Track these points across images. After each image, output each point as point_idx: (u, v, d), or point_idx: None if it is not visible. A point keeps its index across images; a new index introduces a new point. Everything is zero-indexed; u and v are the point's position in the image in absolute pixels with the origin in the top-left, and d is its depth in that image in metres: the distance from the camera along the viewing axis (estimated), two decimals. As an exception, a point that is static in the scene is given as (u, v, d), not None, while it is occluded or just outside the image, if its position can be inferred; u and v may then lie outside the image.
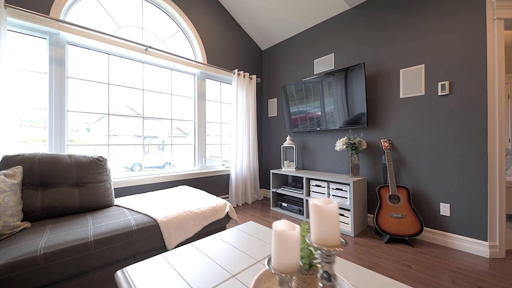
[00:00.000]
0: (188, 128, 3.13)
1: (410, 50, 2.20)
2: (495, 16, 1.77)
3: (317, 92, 2.82)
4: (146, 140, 2.72)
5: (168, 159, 2.93)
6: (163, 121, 2.86)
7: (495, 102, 1.78)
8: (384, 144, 2.28)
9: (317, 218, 0.58)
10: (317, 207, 0.58)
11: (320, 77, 2.76)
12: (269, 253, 0.97)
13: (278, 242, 0.53)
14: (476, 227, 1.86)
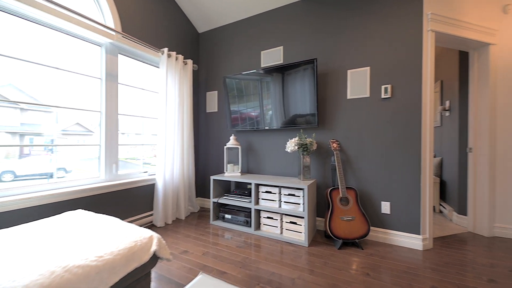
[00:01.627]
0: (95, 124, 2.18)
1: (357, 52, 2.21)
2: (429, 27, 1.95)
3: (265, 87, 2.52)
4: (25, 138, 1.73)
5: (63, 165, 1.94)
6: (54, 112, 1.85)
7: (427, 108, 1.96)
8: (333, 145, 2.20)
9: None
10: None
11: (268, 70, 2.47)
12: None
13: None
14: (411, 223, 2.00)
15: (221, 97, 3.05)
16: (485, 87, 2.27)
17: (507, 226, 2.21)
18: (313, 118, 2.28)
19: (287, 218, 2.15)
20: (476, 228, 2.34)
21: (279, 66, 2.40)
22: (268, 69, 2.47)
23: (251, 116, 2.63)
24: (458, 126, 2.63)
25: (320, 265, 1.69)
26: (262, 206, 2.25)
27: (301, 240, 2.06)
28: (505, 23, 2.22)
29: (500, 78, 2.24)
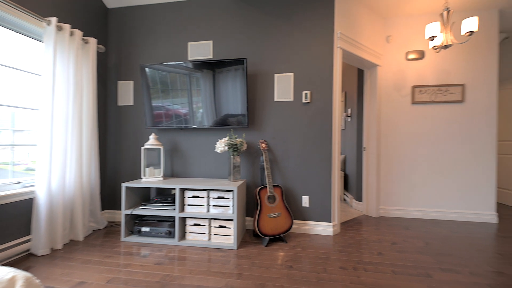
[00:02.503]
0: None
1: (283, 57, 2.33)
2: (338, 45, 2.27)
3: (195, 83, 2.30)
4: None
5: None
6: None
7: (336, 114, 2.28)
8: (262, 145, 2.25)
9: None
10: None
11: (197, 66, 2.27)
12: None
13: None
14: (324, 212, 2.28)
15: (139, 89, 2.59)
16: (373, 100, 2.87)
17: (388, 207, 2.88)
18: (244, 118, 2.25)
19: (216, 223, 2.02)
20: (368, 211, 2.93)
21: (209, 61, 2.24)
22: (198, 63, 2.27)
23: (179, 113, 2.35)
24: (356, 129, 3.23)
25: (248, 266, 1.66)
26: (188, 213, 2.03)
27: (230, 243, 1.98)
28: (387, 49, 2.88)
29: (383, 93, 2.89)
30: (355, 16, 2.49)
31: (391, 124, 2.88)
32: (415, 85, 2.82)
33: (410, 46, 2.83)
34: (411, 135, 2.84)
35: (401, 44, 2.85)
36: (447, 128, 2.76)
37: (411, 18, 2.82)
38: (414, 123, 2.84)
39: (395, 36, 2.86)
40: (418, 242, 2.11)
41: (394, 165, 2.88)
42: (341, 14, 2.31)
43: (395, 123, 2.88)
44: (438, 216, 2.77)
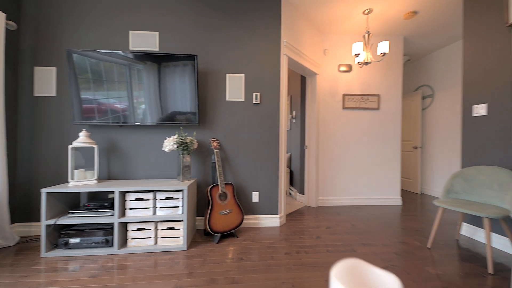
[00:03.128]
0: None
1: (235, 58, 2.39)
2: (284, 52, 2.48)
3: (136, 76, 2.12)
4: None
5: None
6: None
7: (283, 115, 2.49)
8: (213, 144, 2.26)
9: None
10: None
11: (139, 57, 2.10)
12: None
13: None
14: (272, 206, 2.46)
15: (63, 77, 2.21)
16: (313, 104, 3.25)
17: (325, 198, 3.30)
18: (194, 116, 2.21)
19: (163, 225, 1.92)
20: (309, 202, 3.30)
21: (155, 54, 2.11)
22: (140, 54, 2.10)
23: (116, 108, 2.12)
24: (300, 130, 3.58)
25: (199, 265, 1.65)
26: (131, 218, 1.87)
27: (179, 245, 1.92)
28: (324, 61, 3.30)
29: (321, 98, 3.30)
30: (299, 28, 2.77)
31: (327, 126, 3.32)
32: (345, 93, 3.33)
33: (342, 60, 3.33)
34: (343, 135, 3.34)
35: (335, 57, 3.32)
36: (368, 129, 3.37)
37: (343, 36, 3.31)
38: (344, 125, 3.35)
39: (330, 50, 3.31)
40: (347, 224, 2.51)
41: (329, 161, 3.32)
42: (286, 25, 2.53)
43: (330, 125, 3.33)
44: (361, 202, 3.35)
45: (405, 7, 2.67)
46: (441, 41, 3.55)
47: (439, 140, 3.88)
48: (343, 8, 2.69)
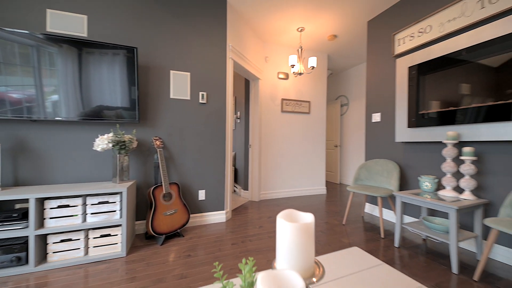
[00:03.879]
0: None
1: (180, 56, 2.36)
2: (230, 55, 2.61)
3: (46, 60, 1.82)
4: None
5: None
6: None
7: (229, 115, 2.62)
8: (156, 142, 2.17)
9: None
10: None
11: (54, 38, 1.82)
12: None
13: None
14: (219, 202, 2.55)
15: None
16: (256, 106, 3.51)
17: (266, 192, 3.62)
18: (130, 112, 2.06)
19: (96, 233, 1.73)
20: (252, 197, 3.54)
21: (83, 40, 1.86)
22: (55, 36, 1.81)
23: (15, 99, 1.74)
24: (244, 130, 3.79)
25: (143, 268, 1.59)
26: (52, 228, 1.60)
27: (117, 252, 1.77)
28: (265, 67, 3.61)
29: (263, 101, 3.60)
30: (243, 35, 2.95)
31: (268, 127, 3.65)
32: (283, 98, 3.74)
33: (280, 68, 3.72)
34: (281, 135, 3.74)
35: (274, 65, 3.68)
36: (301, 130, 3.89)
37: (281, 46, 3.71)
38: (283, 126, 3.76)
39: (271, 58, 3.65)
40: (285, 214, 2.85)
41: (270, 158, 3.66)
42: (232, 30, 2.67)
43: (271, 126, 3.67)
44: (296, 193, 3.84)
45: (329, 31, 3.25)
46: (354, 61, 4.45)
47: (353, 140, 4.84)
48: (280, 23, 3.04)
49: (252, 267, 0.40)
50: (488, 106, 1.69)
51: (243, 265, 0.40)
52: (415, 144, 2.34)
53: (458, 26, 1.96)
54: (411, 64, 2.28)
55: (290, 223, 0.43)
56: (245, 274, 0.39)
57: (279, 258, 0.44)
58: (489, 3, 1.76)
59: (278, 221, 0.45)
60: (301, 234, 0.42)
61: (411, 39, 2.37)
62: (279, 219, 0.45)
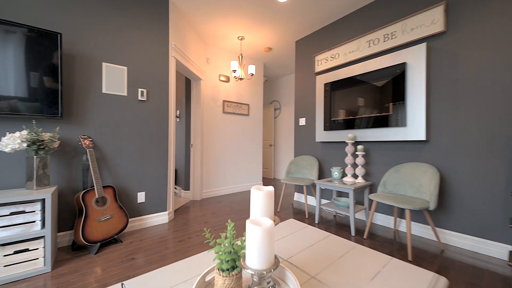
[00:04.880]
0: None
1: (116, 48, 2.18)
2: (172, 54, 2.58)
3: None
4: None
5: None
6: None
7: (172, 114, 2.59)
8: (85, 142, 1.95)
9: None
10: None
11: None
12: None
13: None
14: (161, 203, 2.49)
15: None
16: (199, 106, 3.55)
17: (209, 190, 3.71)
18: (48, 107, 1.78)
19: (9, 249, 1.44)
20: (194, 197, 3.56)
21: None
22: None
23: None
24: (185, 129, 3.75)
25: (78, 279, 1.45)
26: None
27: (39, 268, 1.52)
28: (207, 68, 3.69)
29: (205, 101, 3.67)
30: (185, 34, 2.96)
31: (210, 126, 3.75)
32: (225, 99, 3.93)
33: (221, 71, 3.89)
34: (223, 135, 3.92)
35: (216, 67, 3.81)
36: (241, 131, 4.19)
37: (223, 50, 3.88)
38: (224, 127, 3.94)
39: (212, 60, 3.77)
40: (227, 208, 3.06)
41: (212, 157, 3.78)
42: (174, 29, 2.65)
43: (213, 126, 3.79)
44: (237, 189, 4.10)
45: (265, 43, 3.66)
46: (285, 72, 5.11)
47: (284, 140, 5.53)
48: (221, 29, 3.22)
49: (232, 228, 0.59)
50: (373, 116, 2.42)
51: (229, 223, 0.58)
52: (329, 143, 3.01)
53: (355, 57, 2.68)
54: (326, 82, 2.92)
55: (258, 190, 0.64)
56: (230, 229, 0.57)
57: (251, 215, 0.65)
58: (373, 44, 2.51)
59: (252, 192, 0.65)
60: (266, 199, 0.64)
61: (326, 61, 3.02)
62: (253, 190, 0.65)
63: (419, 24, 2.15)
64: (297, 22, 3.01)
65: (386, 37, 2.40)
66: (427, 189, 1.92)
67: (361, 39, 2.63)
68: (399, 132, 2.21)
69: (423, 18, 2.12)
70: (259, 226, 0.50)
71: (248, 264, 0.50)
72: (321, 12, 2.78)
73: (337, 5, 2.64)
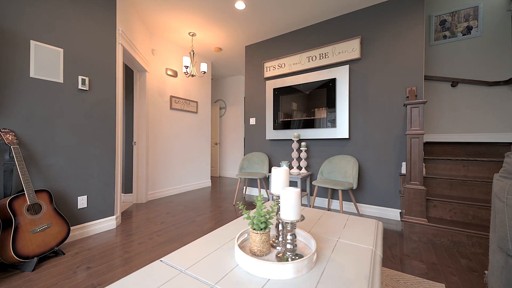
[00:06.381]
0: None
1: (49, 24, 1.81)
2: (120, 41, 2.33)
3: None
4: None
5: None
6: None
7: (119, 106, 2.34)
8: (7, 137, 1.57)
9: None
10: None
11: None
12: None
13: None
14: (107, 207, 2.23)
15: None
16: (143, 100, 3.28)
17: (155, 191, 3.46)
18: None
19: None
20: (138, 199, 3.26)
21: None
22: None
23: None
24: (125, 125, 3.36)
25: (19, 302, 1.20)
26: None
27: None
28: (152, 60, 3.44)
29: (150, 96, 3.41)
30: (131, 21, 2.71)
31: (156, 123, 3.52)
32: (172, 95, 3.76)
33: (168, 65, 3.71)
34: (170, 132, 3.74)
35: (162, 60, 3.60)
36: (189, 129, 4.11)
37: (171, 43, 3.71)
38: (172, 124, 3.77)
39: (158, 52, 3.54)
40: (181, 207, 3.00)
41: (159, 156, 3.55)
42: (121, 14, 2.40)
43: (159, 122, 3.56)
44: (185, 189, 4.00)
45: (215, 43, 3.75)
46: (232, 72, 5.31)
47: (230, 139, 5.72)
48: (172, 21, 3.11)
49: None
50: (313, 118, 2.97)
51: (258, 199, 0.76)
52: (277, 141, 3.44)
53: (298, 69, 3.19)
54: (275, 87, 3.33)
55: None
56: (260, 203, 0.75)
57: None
58: (312, 60, 3.07)
59: (273, 171, 0.84)
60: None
61: (274, 69, 3.44)
62: (273, 170, 0.84)
63: (344, 50, 2.82)
64: (249, 29, 3.28)
65: (321, 55, 3.00)
66: (350, 174, 2.57)
67: (302, 54, 3.16)
68: (331, 132, 2.82)
69: (347, 45, 2.80)
70: (294, 190, 0.71)
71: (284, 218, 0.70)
72: (270, 25, 3.15)
73: (285, 22, 3.08)
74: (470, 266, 1.56)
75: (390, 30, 2.58)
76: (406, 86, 2.49)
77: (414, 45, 2.45)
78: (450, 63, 3.11)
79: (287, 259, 0.70)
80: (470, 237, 1.76)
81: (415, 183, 1.96)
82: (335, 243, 0.85)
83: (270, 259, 0.72)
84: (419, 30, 2.43)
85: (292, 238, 0.71)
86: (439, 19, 3.27)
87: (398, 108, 2.52)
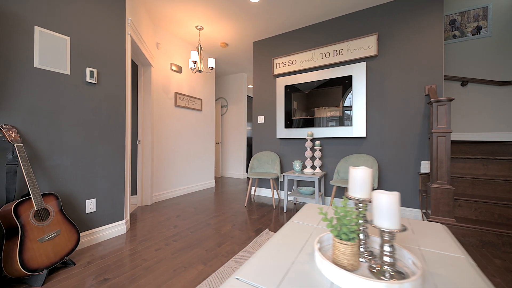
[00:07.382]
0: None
1: (55, 9, 1.62)
2: (129, 31, 2.16)
3: None
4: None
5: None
6: None
7: (128, 102, 2.17)
8: (10, 134, 1.39)
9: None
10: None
11: None
12: None
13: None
14: (117, 212, 2.06)
15: None
16: (148, 97, 3.09)
17: (160, 193, 3.29)
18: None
19: None
20: (143, 202, 3.08)
21: None
22: None
23: None
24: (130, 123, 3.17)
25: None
26: None
27: None
28: (157, 54, 3.26)
29: (155, 92, 3.23)
30: (139, 12, 2.53)
31: (161, 121, 3.34)
32: (177, 92, 3.59)
33: (173, 60, 3.53)
34: (175, 131, 3.57)
35: (167, 55, 3.43)
36: (194, 127, 3.94)
37: (176, 37, 3.53)
38: (176, 122, 3.60)
39: (163, 46, 3.36)
40: (190, 209, 2.85)
41: (163, 155, 3.38)
42: (130, 1, 2.23)
43: (164, 120, 3.38)
44: (191, 190, 3.84)
45: (223, 38, 3.61)
46: (235, 70, 5.17)
47: (231, 138, 5.58)
48: (179, 13, 2.94)
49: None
50: (328, 117, 2.90)
51: (342, 201, 0.65)
52: (288, 139, 3.35)
53: (310, 66, 3.11)
54: (286, 84, 3.23)
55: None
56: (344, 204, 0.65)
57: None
58: (325, 56, 3.00)
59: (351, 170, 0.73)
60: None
61: (284, 65, 3.34)
62: (351, 169, 0.74)
63: (359, 47, 2.76)
64: (259, 23, 3.16)
65: (335, 52, 2.93)
66: (368, 173, 2.52)
67: (315, 51, 3.09)
68: (347, 130, 2.76)
69: (363, 42, 2.75)
70: (394, 194, 0.61)
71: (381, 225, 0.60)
72: (282, 20, 3.05)
73: (297, 17, 2.99)
74: (506, 267, 1.53)
75: (408, 27, 2.54)
76: (423, 84, 2.46)
77: (433, 43, 2.42)
78: (459, 63, 3.13)
79: (383, 273, 0.61)
80: (501, 236, 1.74)
81: (442, 182, 1.93)
82: (417, 251, 0.76)
83: (364, 274, 0.63)
84: (438, 27, 2.40)
85: (391, 250, 0.61)
86: (448, 18, 3.28)
87: (416, 105, 2.49)
